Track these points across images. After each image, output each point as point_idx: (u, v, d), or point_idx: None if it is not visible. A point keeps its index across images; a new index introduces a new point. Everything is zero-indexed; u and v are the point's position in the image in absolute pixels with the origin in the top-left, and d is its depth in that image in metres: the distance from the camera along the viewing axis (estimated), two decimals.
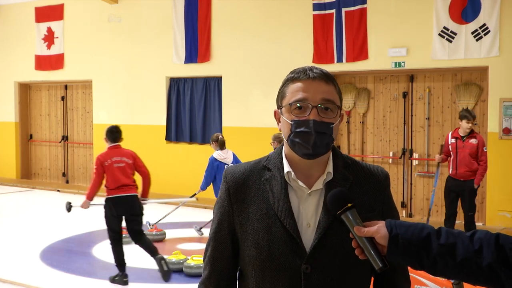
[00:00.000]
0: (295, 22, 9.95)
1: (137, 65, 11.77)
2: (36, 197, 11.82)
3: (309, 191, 1.64)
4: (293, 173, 1.65)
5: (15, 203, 11.30)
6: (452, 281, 3.44)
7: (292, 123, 1.61)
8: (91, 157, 12.91)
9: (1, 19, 13.90)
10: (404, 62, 9.00)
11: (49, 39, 12.98)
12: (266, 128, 9.30)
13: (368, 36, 9.25)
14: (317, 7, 9.65)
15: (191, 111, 11.36)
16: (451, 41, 8.58)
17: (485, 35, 8.36)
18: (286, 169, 1.66)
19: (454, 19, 8.55)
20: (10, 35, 13.75)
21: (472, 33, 8.44)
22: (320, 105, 1.60)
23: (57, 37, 12.86)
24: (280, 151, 1.72)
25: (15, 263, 6.74)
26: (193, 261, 6.13)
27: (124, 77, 11.97)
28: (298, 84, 1.63)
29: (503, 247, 1.37)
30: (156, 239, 7.71)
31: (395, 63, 9.06)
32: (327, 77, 1.63)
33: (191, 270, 6.05)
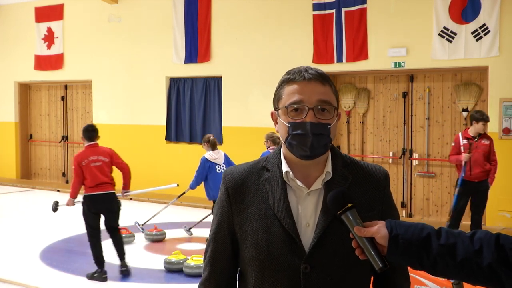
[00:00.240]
0: (295, 22, 9.95)
1: (137, 65, 11.77)
2: (36, 197, 11.82)
3: (308, 191, 1.64)
4: (291, 173, 1.65)
5: (15, 203, 11.30)
6: (452, 281, 3.44)
7: (289, 125, 1.61)
8: None
9: (1, 19, 13.90)
10: (404, 62, 9.00)
11: (49, 39, 12.98)
12: (266, 128, 9.29)
13: (368, 36, 9.25)
14: (317, 7, 9.64)
15: (191, 111, 11.36)
16: (451, 41, 8.59)
17: (485, 35, 8.36)
18: (284, 169, 1.66)
19: (454, 19, 8.56)
20: (10, 35, 13.75)
21: (472, 33, 8.44)
22: (316, 107, 1.60)
23: (57, 37, 12.86)
24: (278, 152, 1.72)
25: (15, 263, 6.75)
26: (193, 261, 6.13)
27: (124, 77, 11.96)
28: (294, 86, 1.62)
29: (503, 247, 1.38)
30: (156, 239, 7.73)
31: (395, 63, 9.06)
32: (322, 78, 1.63)
33: (191, 270, 6.06)
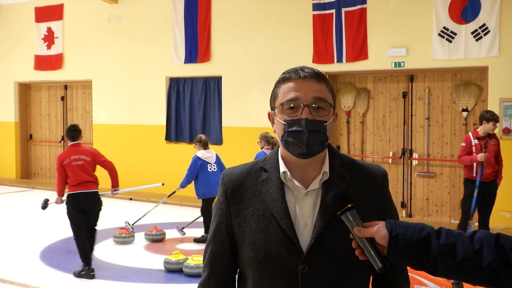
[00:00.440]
0: (295, 22, 9.95)
1: (137, 65, 11.77)
2: (36, 197, 11.79)
3: (306, 191, 1.64)
4: (288, 173, 1.65)
5: (15, 203, 11.30)
6: (452, 281, 3.44)
7: (285, 123, 1.62)
8: None
9: (1, 19, 13.90)
10: (404, 62, 9.00)
11: (49, 39, 12.98)
12: (266, 128, 9.29)
13: (368, 36, 9.25)
14: (317, 7, 9.64)
15: (191, 111, 11.36)
16: (451, 41, 8.58)
17: (485, 35, 8.36)
18: (282, 169, 1.66)
19: (454, 19, 8.56)
20: (10, 35, 13.75)
21: (472, 33, 8.44)
22: (312, 104, 1.60)
23: (57, 37, 12.86)
24: (276, 152, 1.72)
25: (15, 263, 6.75)
26: (193, 261, 6.13)
27: (124, 77, 11.96)
28: (290, 84, 1.63)
29: (503, 247, 1.37)
30: (156, 239, 7.73)
31: (395, 63, 9.06)
32: (318, 76, 1.63)
33: (191, 270, 6.06)
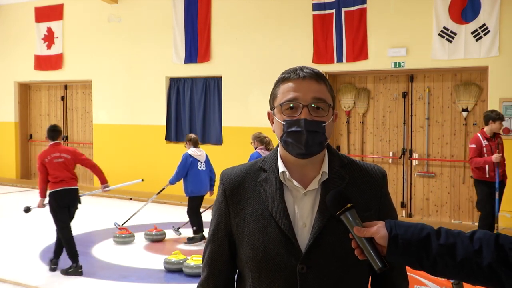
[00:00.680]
0: (295, 22, 9.95)
1: (137, 65, 11.77)
2: (36, 197, 11.69)
3: (305, 191, 1.64)
4: (287, 173, 1.65)
5: (15, 203, 11.29)
6: (452, 281, 3.44)
7: (284, 123, 1.62)
8: (90, 157, 12.89)
9: (1, 19, 13.90)
10: (403, 62, 9.00)
11: (49, 39, 12.98)
12: (266, 128, 9.30)
13: (368, 36, 9.25)
14: (317, 7, 9.64)
15: (191, 111, 11.36)
16: (451, 41, 8.58)
17: (484, 35, 8.36)
18: (280, 169, 1.66)
19: (454, 19, 8.56)
20: (10, 35, 13.75)
21: (472, 33, 8.44)
22: (311, 104, 1.60)
23: (57, 37, 12.86)
24: (275, 152, 1.72)
25: (15, 263, 6.75)
26: (193, 261, 6.13)
27: (124, 77, 11.96)
28: (289, 84, 1.63)
29: (503, 247, 1.37)
30: (156, 239, 7.73)
31: (395, 63, 9.06)
32: (317, 76, 1.63)
33: (191, 270, 6.06)
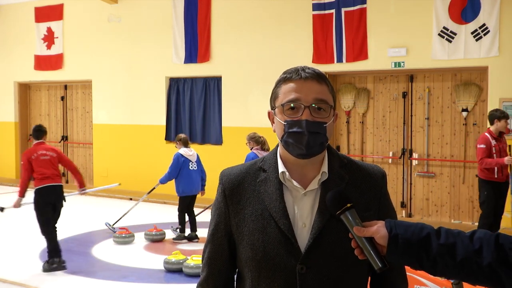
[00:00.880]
0: (295, 22, 9.95)
1: (137, 65, 11.77)
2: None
3: (304, 191, 1.64)
4: (287, 173, 1.65)
5: None
6: (451, 281, 3.45)
7: (285, 123, 1.61)
8: (90, 157, 12.91)
9: (1, 19, 13.90)
10: (403, 62, 9.00)
11: (49, 39, 12.98)
12: (266, 128, 9.30)
13: (367, 36, 9.25)
14: (316, 7, 9.64)
15: (190, 111, 11.36)
16: (450, 41, 8.59)
17: (484, 35, 8.36)
18: (280, 170, 1.66)
19: (453, 19, 8.56)
20: (10, 35, 13.75)
21: (472, 33, 8.44)
22: (312, 105, 1.60)
23: (57, 37, 12.86)
24: (275, 152, 1.71)
25: (15, 263, 6.75)
26: (192, 261, 6.13)
27: (124, 77, 11.96)
28: (291, 85, 1.63)
29: (503, 246, 1.37)
30: (156, 239, 7.73)
31: (395, 63, 9.07)
32: (319, 77, 1.63)
33: (190, 270, 6.06)
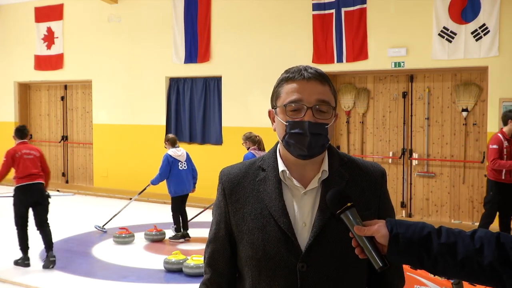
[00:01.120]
0: (295, 22, 9.95)
1: (137, 65, 11.77)
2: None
3: (305, 191, 1.63)
4: (288, 172, 1.65)
5: None
6: (451, 281, 3.45)
7: (287, 124, 1.60)
8: (90, 157, 12.91)
9: (1, 19, 13.90)
10: (403, 62, 9.00)
11: (49, 39, 12.98)
12: (266, 128, 9.31)
13: (367, 36, 9.25)
14: (316, 7, 9.64)
15: (190, 111, 11.36)
16: (450, 41, 8.59)
17: (484, 35, 8.36)
18: (281, 168, 1.65)
19: (453, 19, 8.56)
20: (10, 35, 13.74)
21: (472, 33, 8.44)
22: (315, 106, 1.59)
23: (57, 37, 12.85)
24: (274, 151, 1.71)
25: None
26: (193, 261, 6.13)
27: (124, 77, 11.96)
28: (293, 85, 1.61)
29: (503, 245, 1.37)
30: (156, 239, 7.73)
31: (395, 63, 9.06)
32: (322, 78, 1.62)
33: (191, 270, 6.06)
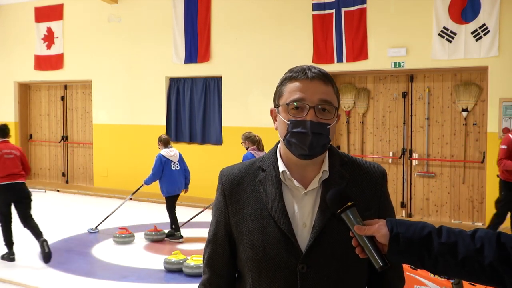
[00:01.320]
0: (295, 22, 9.94)
1: (137, 65, 11.77)
2: (36, 197, 11.78)
3: (305, 191, 1.63)
4: (288, 172, 1.64)
5: None
6: (451, 281, 3.44)
7: (289, 123, 1.60)
8: (90, 157, 12.91)
9: (1, 19, 13.89)
10: (403, 62, 9.00)
11: (49, 39, 12.98)
12: (266, 128, 9.31)
13: (367, 36, 9.25)
14: (316, 7, 9.64)
15: (190, 111, 11.36)
16: (450, 41, 8.59)
17: (484, 35, 8.36)
18: (281, 169, 1.65)
19: (453, 19, 8.56)
20: (10, 35, 13.74)
21: (472, 33, 8.44)
22: (317, 106, 1.59)
23: (57, 37, 12.85)
24: (274, 151, 1.71)
25: (15, 263, 6.74)
26: (193, 261, 6.13)
27: (124, 77, 11.96)
28: (296, 84, 1.61)
29: (504, 245, 1.37)
30: (156, 239, 7.72)
31: (395, 63, 9.06)
32: (325, 77, 1.62)
33: (191, 270, 6.06)
